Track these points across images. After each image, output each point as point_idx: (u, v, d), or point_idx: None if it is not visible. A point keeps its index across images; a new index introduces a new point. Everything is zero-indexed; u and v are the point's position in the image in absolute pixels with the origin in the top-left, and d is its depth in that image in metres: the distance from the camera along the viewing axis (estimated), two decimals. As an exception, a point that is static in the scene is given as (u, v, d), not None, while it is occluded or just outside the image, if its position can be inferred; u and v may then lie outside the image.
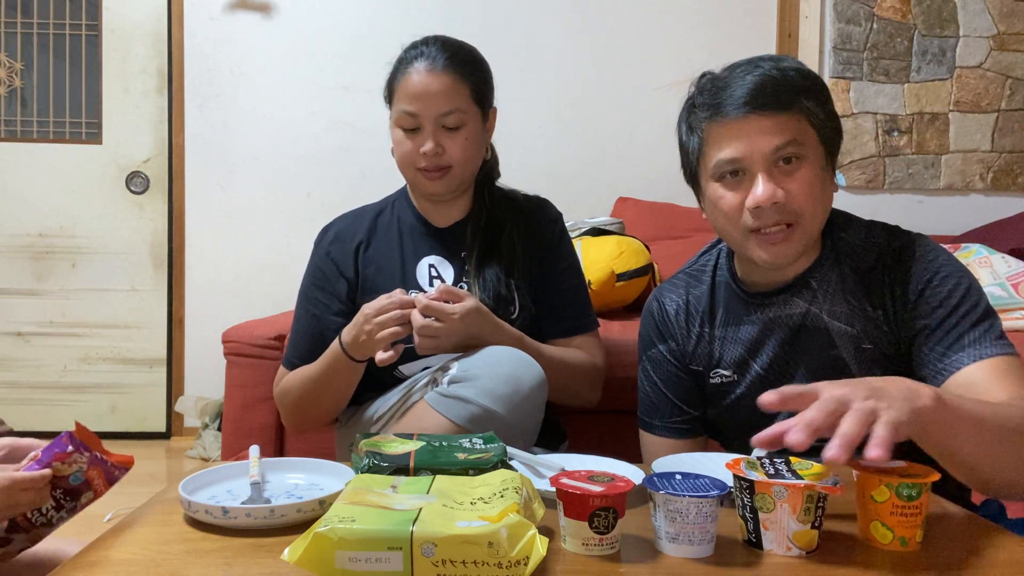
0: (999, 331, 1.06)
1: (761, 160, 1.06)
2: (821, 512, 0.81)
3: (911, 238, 1.14)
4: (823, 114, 1.10)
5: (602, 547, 0.81)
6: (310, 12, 3.23)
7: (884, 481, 0.82)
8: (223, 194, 3.26)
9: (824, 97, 1.11)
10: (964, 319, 1.05)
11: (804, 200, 1.07)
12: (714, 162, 1.10)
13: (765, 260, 1.11)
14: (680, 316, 1.26)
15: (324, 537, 0.69)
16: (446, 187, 1.43)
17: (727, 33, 3.22)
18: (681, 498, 0.79)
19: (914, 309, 1.09)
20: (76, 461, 0.94)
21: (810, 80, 1.10)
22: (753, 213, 1.08)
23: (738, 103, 1.07)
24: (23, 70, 3.29)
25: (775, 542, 0.81)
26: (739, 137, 1.07)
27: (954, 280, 1.08)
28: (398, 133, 1.42)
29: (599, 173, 3.23)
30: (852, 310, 1.13)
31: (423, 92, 1.38)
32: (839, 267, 1.15)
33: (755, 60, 1.11)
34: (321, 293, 1.49)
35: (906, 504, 0.81)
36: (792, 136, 1.06)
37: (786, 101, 1.06)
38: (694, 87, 1.15)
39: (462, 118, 1.40)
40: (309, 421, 1.48)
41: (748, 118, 1.06)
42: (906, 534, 0.82)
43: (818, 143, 1.09)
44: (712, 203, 1.13)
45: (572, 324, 1.49)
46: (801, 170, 1.07)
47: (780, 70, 1.08)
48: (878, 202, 3.25)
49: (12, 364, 3.32)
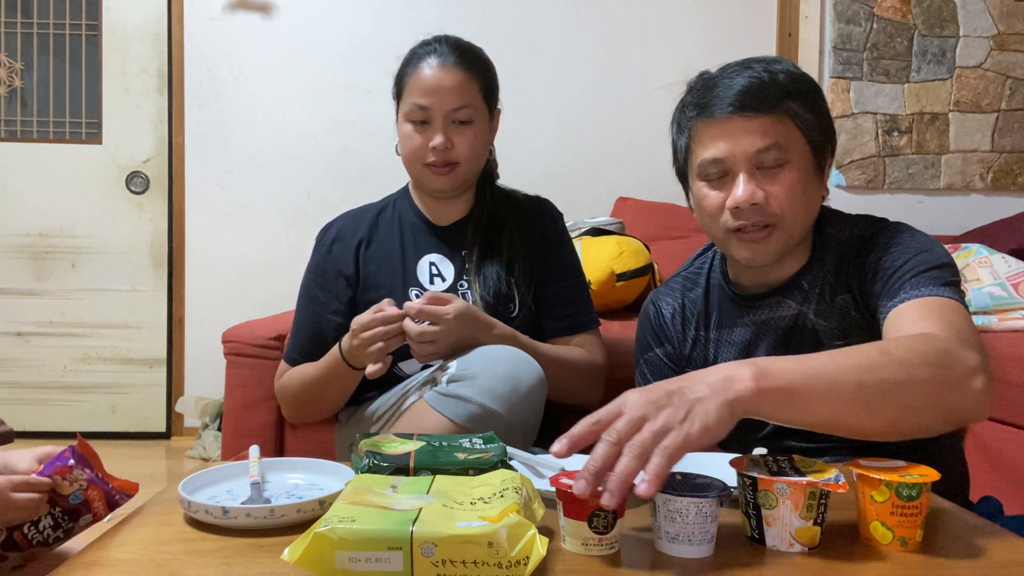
0: (946, 279, 1.03)
1: (744, 161, 1.07)
2: (824, 509, 0.82)
3: (886, 224, 1.14)
4: (811, 117, 1.09)
5: (601, 547, 0.81)
6: (310, 12, 3.23)
7: (884, 481, 0.82)
8: (223, 194, 3.26)
9: (813, 100, 1.11)
10: (910, 270, 1.04)
11: (784, 203, 1.08)
12: (699, 161, 1.11)
13: (744, 259, 1.12)
14: (676, 319, 1.26)
15: (324, 537, 0.69)
16: (452, 183, 1.44)
17: (727, 33, 3.22)
18: (680, 498, 0.79)
19: (872, 279, 1.08)
20: (77, 479, 0.93)
21: (799, 83, 1.10)
22: (733, 213, 1.09)
23: (724, 104, 1.08)
24: (23, 70, 3.29)
25: (778, 539, 0.82)
26: (723, 137, 1.08)
27: (914, 245, 1.07)
28: (407, 127, 1.42)
29: (599, 173, 3.23)
30: (828, 306, 1.13)
31: (436, 86, 1.39)
32: (825, 265, 1.15)
33: (748, 61, 1.11)
34: (321, 292, 1.50)
35: (906, 504, 0.81)
36: (776, 139, 1.07)
37: (771, 103, 1.07)
38: (688, 87, 1.16)
39: (472, 114, 1.41)
40: (307, 416, 1.52)
41: (732, 119, 1.07)
42: (906, 534, 0.82)
43: (804, 146, 1.09)
44: (697, 201, 1.15)
45: (573, 322, 1.49)
46: (784, 173, 1.08)
47: (770, 72, 1.08)
48: (878, 202, 3.25)
49: (12, 364, 3.32)
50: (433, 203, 1.51)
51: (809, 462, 0.87)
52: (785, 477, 0.81)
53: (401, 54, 1.48)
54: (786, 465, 0.85)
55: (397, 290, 1.45)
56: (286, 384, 1.49)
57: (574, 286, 1.52)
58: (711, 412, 0.78)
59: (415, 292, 1.44)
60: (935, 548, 0.84)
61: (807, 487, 0.80)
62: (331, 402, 1.44)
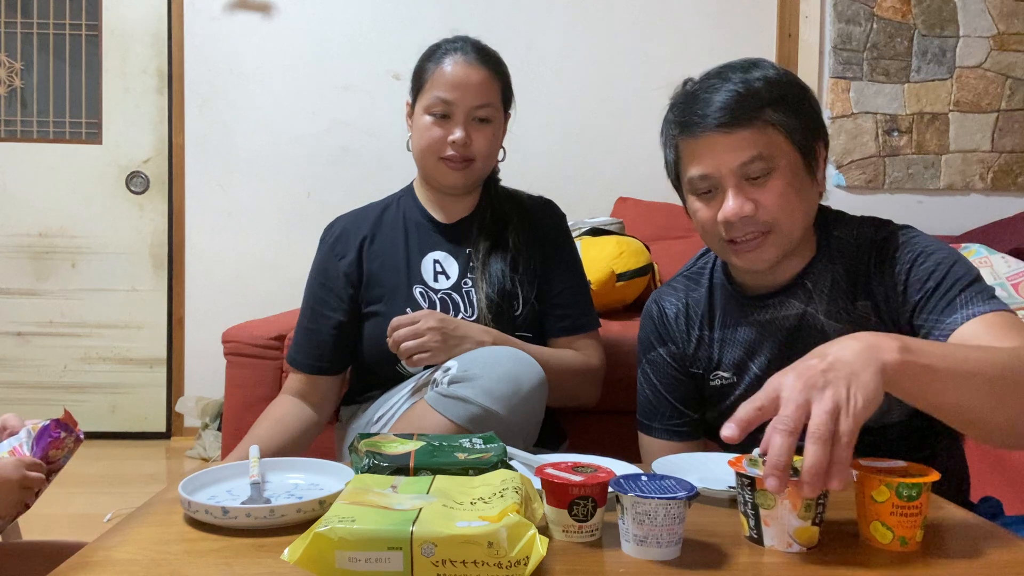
0: (991, 292, 1.06)
1: (729, 175, 1.07)
2: (822, 509, 0.82)
3: (895, 228, 1.14)
4: (794, 121, 1.08)
5: (582, 535, 0.83)
6: (310, 12, 3.23)
7: (884, 481, 0.82)
8: (223, 194, 3.26)
9: (795, 103, 1.09)
10: (953, 286, 1.05)
11: (776, 210, 1.08)
12: (687, 178, 1.12)
13: (743, 266, 1.13)
14: (680, 319, 1.26)
15: (324, 537, 0.69)
16: (465, 180, 1.45)
17: (727, 33, 3.23)
18: (650, 500, 0.78)
19: (904, 292, 1.09)
20: (65, 444, 1.02)
21: (776, 88, 1.08)
22: (724, 226, 1.09)
23: (703, 121, 1.07)
24: (23, 70, 3.29)
25: (776, 538, 0.82)
26: (707, 155, 1.08)
27: (939, 254, 1.09)
28: (425, 120, 1.42)
29: (599, 173, 3.23)
30: (842, 308, 1.13)
31: (463, 81, 1.40)
32: (832, 266, 1.15)
33: (725, 71, 1.11)
34: (321, 289, 1.50)
35: (906, 504, 0.81)
36: (758, 151, 1.06)
37: (750, 116, 1.06)
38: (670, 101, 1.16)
39: (492, 113, 1.43)
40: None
41: (713, 136, 1.07)
42: (906, 534, 0.82)
43: (791, 150, 1.08)
44: (692, 214, 1.16)
45: (573, 324, 1.49)
46: (772, 180, 1.07)
47: (746, 83, 1.07)
48: (878, 202, 3.25)
49: (12, 364, 3.32)
50: (439, 200, 1.51)
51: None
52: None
53: (401, 54, 1.49)
54: None
55: (401, 288, 1.45)
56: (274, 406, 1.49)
57: (576, 287, 1.52)
58: (869, 384, 0.79)
59: (419, 290, 1.44)
60: (935, 548, 0.84)
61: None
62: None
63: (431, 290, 1.45)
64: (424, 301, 1.43)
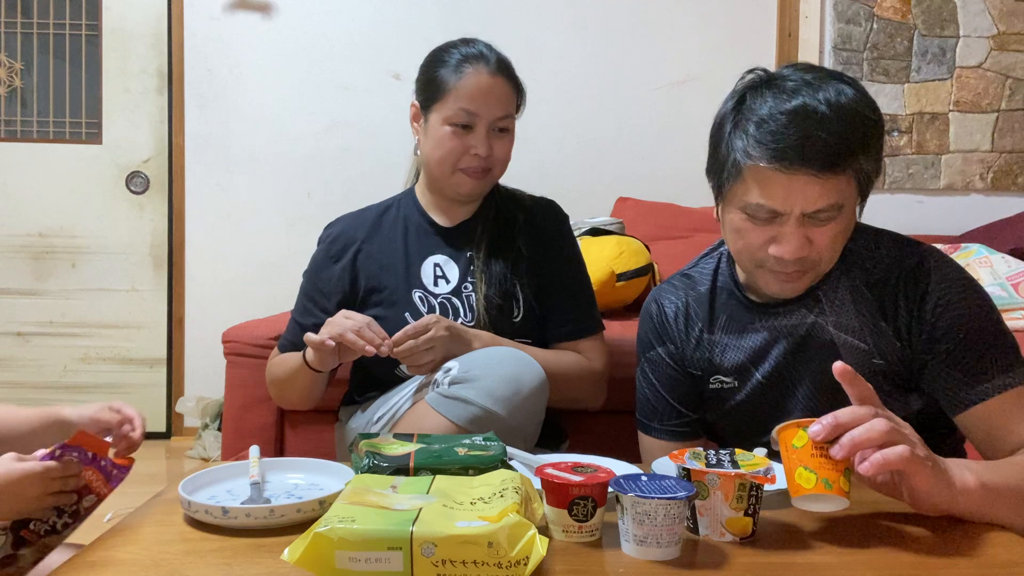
0: (1019, 354, 1.05)
1: (799, 215, 1.02)
2: (756, 501, 0.84)
3: (924, 254, 1.11)
4: (871, 167, 1.04)
5: (581, 535, 0.84)
6: (310, 12, 3.23)
7: (801, 425, 0.86)
8: (223, 194, 3.26)
9: (878, 146, 1.04)
10: (987, 347, 1.05)
11: (825, 250, 1.06)
12: (747, 198, 1.04)
13: (772, 292, 1.12)
14: (679, 319, 1.25)
15: (324, 537, 0.69)
16: (482, 189, 1.46)
17: (727, 33, 3.22)
18: (650, 500, 0.79)
19: (932, 330, 1.07)
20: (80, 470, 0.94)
21: (871, 127, 1.02)
22: (774, 258, 1.05)
23: (791, 156, 0.99)
24: (23, 70, 3.29)
25: (709, 527, 0.85)
26: (781, 191, 1.01)
27: (974, 302, 1.07)
28: (445, 130, 1.40)
29: (599, 173, 3.22)
30: (863, 324, 1.11)
31: (488, 93, 1.40)
32: (848, 278, 1.13)
33: (816, 86, 1.01)
34: (313, 288, 1.51)
35: (824, 446, 0.85)
36: (838, 200, 1.02)
37: (842, 164, 1.00)
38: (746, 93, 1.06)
39: (511, 123, 1.44)
40: (286, 404, 1.58)
41: (797, 175, 1.00)
42: (829, 476, 0.84)
43: (856, 195, 1.06)
44: (732, 227, 1.09)
45: (576, 327, 1.49)
46: (832, 223, 1.04)
47: (840, 117, 0.99)
48: (878, 202, 3.21)
49: (12, 364, 3.32)
50: (442, 204, 1.50)
51: (749, 455, 0.89)
52: (717, 468, 0.84)
53: (401, 54, 1.49)
54: (725, 458, 0.88)
55: (400, 291, 1.44)
56: (270, 368, 1.54)
57: (579, 289, 1.52)
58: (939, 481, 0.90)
59: (419, 294, 1.44)
60: (935, 548, 0.84)
61: (736, 478, 0.83)
62: (297, 397, 1.48)
63: (431, 294, 1.44)
64: (423, 306, 1.43)
